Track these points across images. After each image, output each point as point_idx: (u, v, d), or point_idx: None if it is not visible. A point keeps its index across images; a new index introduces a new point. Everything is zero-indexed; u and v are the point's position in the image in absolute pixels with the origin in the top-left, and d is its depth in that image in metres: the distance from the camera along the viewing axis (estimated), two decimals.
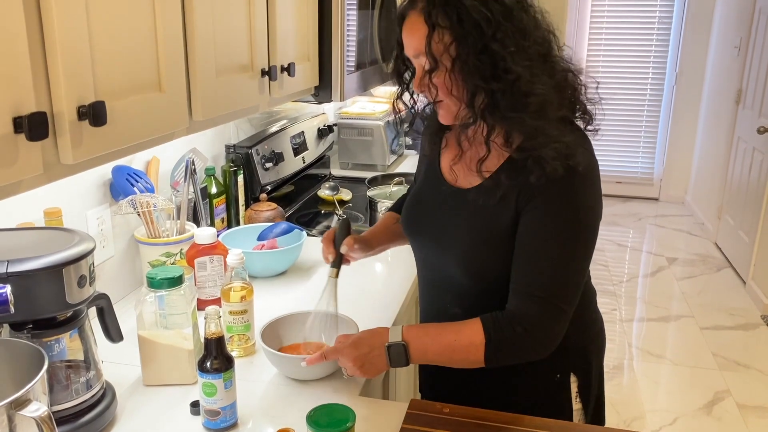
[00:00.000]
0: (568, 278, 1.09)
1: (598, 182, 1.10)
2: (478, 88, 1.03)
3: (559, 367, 1.23)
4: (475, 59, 1.00)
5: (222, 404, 1.08)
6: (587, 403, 1.27)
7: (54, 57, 0.85)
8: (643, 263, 4.53)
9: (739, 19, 4.59)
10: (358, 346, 1.14)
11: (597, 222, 1.10)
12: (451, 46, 1.02)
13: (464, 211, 1.16)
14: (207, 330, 1.07)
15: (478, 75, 1.01)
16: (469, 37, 1.00)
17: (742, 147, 4.31)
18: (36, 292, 0.97)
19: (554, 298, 1.07)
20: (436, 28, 1.02)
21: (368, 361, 1.13)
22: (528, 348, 1.10)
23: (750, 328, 3.60)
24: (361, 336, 1.16)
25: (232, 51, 1.33)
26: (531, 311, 1.08)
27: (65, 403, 1.05)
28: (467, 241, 1.15)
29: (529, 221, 1.08)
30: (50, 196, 1.35)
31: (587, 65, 5.68)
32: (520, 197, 1.08)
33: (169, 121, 1.12)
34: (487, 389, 1.24)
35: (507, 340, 1.07)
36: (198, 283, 1.50)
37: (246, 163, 2.03)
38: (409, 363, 1.13)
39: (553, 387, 1.24)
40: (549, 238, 1.07)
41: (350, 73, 1.92)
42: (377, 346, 1.12)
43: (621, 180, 5.89)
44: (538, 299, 1.07)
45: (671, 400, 2.95)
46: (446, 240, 1.19)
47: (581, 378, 1.25)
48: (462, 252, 1.16)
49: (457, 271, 1.18)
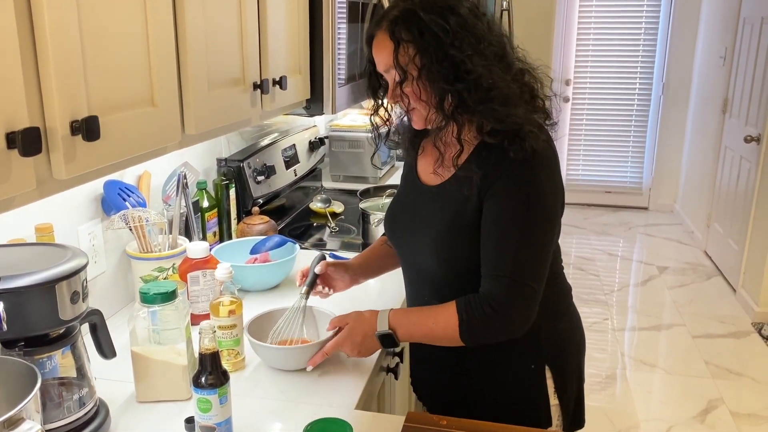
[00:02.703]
0: (532, 257, 1.16)
1: (557, 169, 1.18)
2: (444, 91, 1.12)
3: (533, 358, 1.28)
4: (438, 66, 1.11)
5: (217, 420, 1.07)
6: (566, 402, 1.31)
7: (47, 72, 0.84)
8: (634, 272, 4.55)
9: (725, 29, 4.65)
10: (352, 335, 1.26)
11: (556, 205, 1.18)
12: (416, 57, 1.12)
13: (435, 205, 1.25)
14: (202, 345, 1.06)
15: (443, 79, 1.11)
16: (430, 47, 1.11)
17: (730, 156, 4.36)
18: (28, 308, 0.96)
19: (519, 276, 1.14)
20: (400, 42, 1.13)
21: (364, 347, 1.27)
22: (499, 326, 1.16)
23: (741, 336, 3.62)
24: (353, 326, 1.27)
25: (224, 65, 1.33)
26: (499, 291, 1.15)
27: (58, 421, 1.04)
28: (437, 232, 1.23)
29: (490, 206, 1.16)
30: (41, 212, 1.34)
31: (575, 76, 5.73)
32: (482, 184, 1.16)
33: (162, 136, 1.12)
34: (472, 380, 1.30)
35: (478, 320, 1.15)
36: (191, 298, 1.49)
37: (237, 177, 2.02)
38: (399, 344, 1.25)
39: (528, 377, 1.29)
40: (510, 220, 1.15)
41: (341, 86, 1.93)
42: (369, 335, 1.24)
43: (610, 190, 5.93)
44: (505, 279, 1.14)
45: (665, 409, 2.95)
46: (419, 234, 1.27)
47: (556, 372, 1.29)
48: (433, 242, 1.24)
49: (431, 263, 1.25)
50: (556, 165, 1.19)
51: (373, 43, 1.18)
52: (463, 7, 1.13)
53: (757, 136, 3.85)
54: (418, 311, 1.25)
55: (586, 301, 4.02)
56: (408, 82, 1.15)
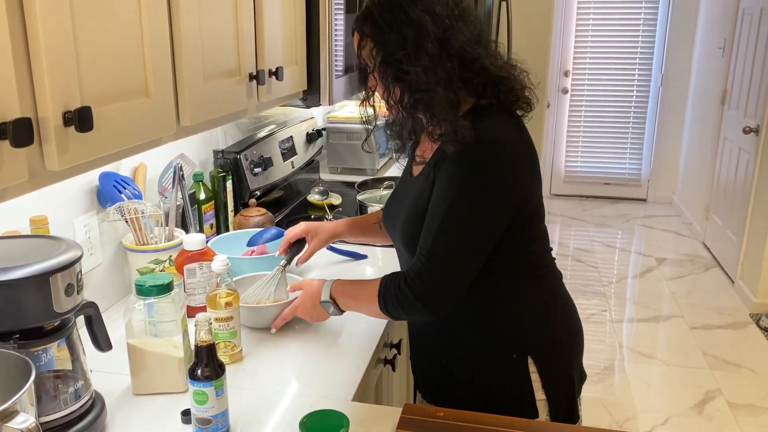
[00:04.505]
0: (454, 240, 1.16)
1: (515, 160, 1.17)
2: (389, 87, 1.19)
3: (514, 348, 1.28)
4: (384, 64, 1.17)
5: (214, 412, 1.07)
6: (554, 398, 1.29)
7: (39, 62, 0.83)
8: (632, 264, 4.56)
9: (723, 20, 4.63)
10: (304, 302, 1.38)
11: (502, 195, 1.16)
12: (372, 51, 1.19)
13: (410, 195, 1.29)
14: (198, 337, 1.06)
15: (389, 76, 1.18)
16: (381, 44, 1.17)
17: (728, 147, 4.35)
18: (22, 301, 0.96)
19: (436, 261, 1.17)
20: (362, 36, 1.21)
21: (315, 313, 1.38)
22: (410, 303, 1.19)
23: (739, 327, 3.63)
24: (304, 293, 1.39)
25: (219, 55, 1.32)
26: (414, 268, 1.19)
27: (53, 414, 1.03)
28: (404, 219, 1.28)
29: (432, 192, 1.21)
30: (36, 204, 1.34)
31: (573, 68, 5.71)
32: (434, 172, 1.21)
33: (157, 127, 1.11)
34: (459, 366, 1.32)
35: (393, 294, 1.21)
36: (187, 290, 1.48)
37: (234, 169, 2.01)
38: (343, 313, 1.35)
39: (510, 367, 1.28)
40: (439, 201, 1.18)
41: (338, 77, 1.92)
42: (316, 302, 1.35)
43: (609, 181, 5.92)
44: (423, 258, 1.18)
45: (663, 400, 2.96)
46: (398, 221, 1.32)
47: (541, 366, 1.27)
48: (402, 229, 1.29)
49: (403, 249, 1.31)
50: (516, 157, 1.18)
51: None
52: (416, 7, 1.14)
53: (756, 128, 3.84)
54: (355, 283, 1.32)
55: (584, 293, 4.03)
56: (370, 76, 1.23)
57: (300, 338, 1.43)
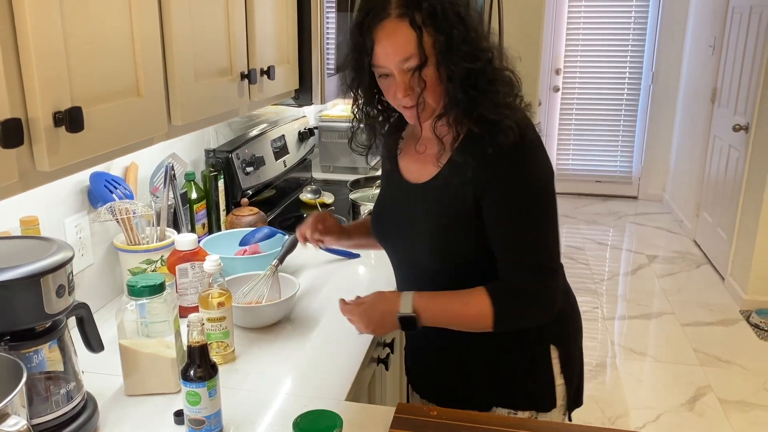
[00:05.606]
0: (547, 239, 1.17)
1: (544, 153, 1.19)
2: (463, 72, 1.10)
3: (540, 339, 1.28)
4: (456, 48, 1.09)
5: (206, 413, 1.07)
6: (570, 380, 1.31)
7: (28, 62, 0.83)
8: (624, 261, 4.57)
9: (713, 19, 4.65)
10: (369, 312, 1.21)
11: (552, 187, 1.18)
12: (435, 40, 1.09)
13: (425, 202, 1.23)
14: (190, 338, 1.05)
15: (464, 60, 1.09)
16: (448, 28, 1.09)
17: (719, 145, 4.37)
18: (13, 302, 0.95)
19: (544, 260, 1.16)
20: (421, 28, 1.08)
21: (380, 326, 1.21)
22: (534, 314, 1.17)
23: (729, 324, 3.65)
24: (372, 302, 1.21)
25: (210, 54, 1.32)
26: (528, 279, 1.15)
27: (45, 416, 1.03)
28: (432, 227, 1.22)
29: (495, 197, 1.15)
30: (26, 205, 1.33)
31: (565, 66, 5.73)
32: (476, 174, 1.14)
33: (148, 127, 1.10)
34: (478, 366, 1.29)
35: (513, 308, 1.16)
36: (179, 290, 1.48)
37: (226, 168, 2.01)
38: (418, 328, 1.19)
39: (535, 359, 1.28)
40: (517, 208, 1.15)
41: (330, 76, 1.92)
42: (389, 313, 1.18)
43: (600, 179, 5.95)
44: (531, 267, 1.15)
45: (654, 397, 2.97)
46: (414, 233, 1.25)
47: (561, 351, 1.29)
48: (430, 240, 1.22)
49: (430, 260, 1.24)
50: (545, 152, 1.19)
51: (382, 32, 1.11)
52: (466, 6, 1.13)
53: (746, 125, 3.86)
54: (444, 296, 1.20)
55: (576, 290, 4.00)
56: (428, 68, 1.10)
57: (293, 338, 1.43)
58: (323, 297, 1.63)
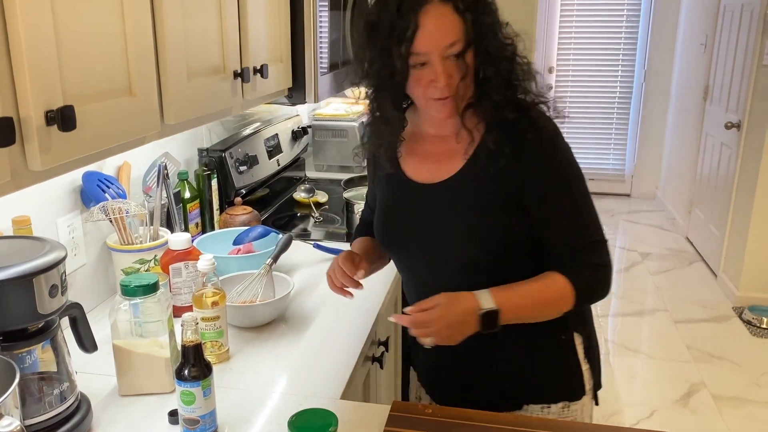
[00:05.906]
0: (594, 214, 1.21)
1: None
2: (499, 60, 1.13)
3: (562, 327, 1.26)
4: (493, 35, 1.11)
5: (201, 413, 1.06)
6: (593, 362, 1.33)
7: (20, 61, 0.82)
8: (617, 259, 4.59)
9: (705, 17, 4.67)
10: (449, 316, 1.10)
11: None
12: (478, 26, 1.09)
13: (453, 198, 1.19)
14: (184, 337, 1.05)
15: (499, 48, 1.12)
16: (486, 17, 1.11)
17: (711, 142, 4.39)
18: (6, 303, 0.95)
19: (600, 237, 1.19)
20: (465, 11, 1.08)
21: (459, 330, 1.10)
22: (605, 289, 1.19)
23: (722, 320, 3.67)
24: (449, 305, 1.11)
25: (203, 53, 1.31)
26: (596, 258, 1.18)
27: (38, 417, 1.02)
28: (465, 221, 1.18)
29: (541, 182, 1.16)
30: (18, 204, 1.32)
31: (558, 64, 5.74)
32: (513, 162, 1.14)
33: (141, 125, 1.10)
34: (503, 370, 1.28)
35: (591, 287, 1.17)
36: (173, 290, 1.47)
37: (219, 167, 2.00)
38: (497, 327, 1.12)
39: (560, 348, 1.29)
40: (570, 189, 1.18)
41: (324, 74, 1.91)
42: (469, 313, 1.10)
43: (593, 177, 5.96)
44: (594, 244, 1.18)
45: (648, 394, 2.98)
46: (440, 232, 1.21)
47: (584, 335, 1.30)
48: (463, 233, 1.18)
49: (460, 256, 1.19)
50: None
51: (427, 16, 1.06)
52: None
53: (738, 123, 3.88)
54: (518, 285, 1.15)
55: None
56: (469, 52, 1.10)
57: (287, 337, 1.43)
58: (317, 296, 1.63)
